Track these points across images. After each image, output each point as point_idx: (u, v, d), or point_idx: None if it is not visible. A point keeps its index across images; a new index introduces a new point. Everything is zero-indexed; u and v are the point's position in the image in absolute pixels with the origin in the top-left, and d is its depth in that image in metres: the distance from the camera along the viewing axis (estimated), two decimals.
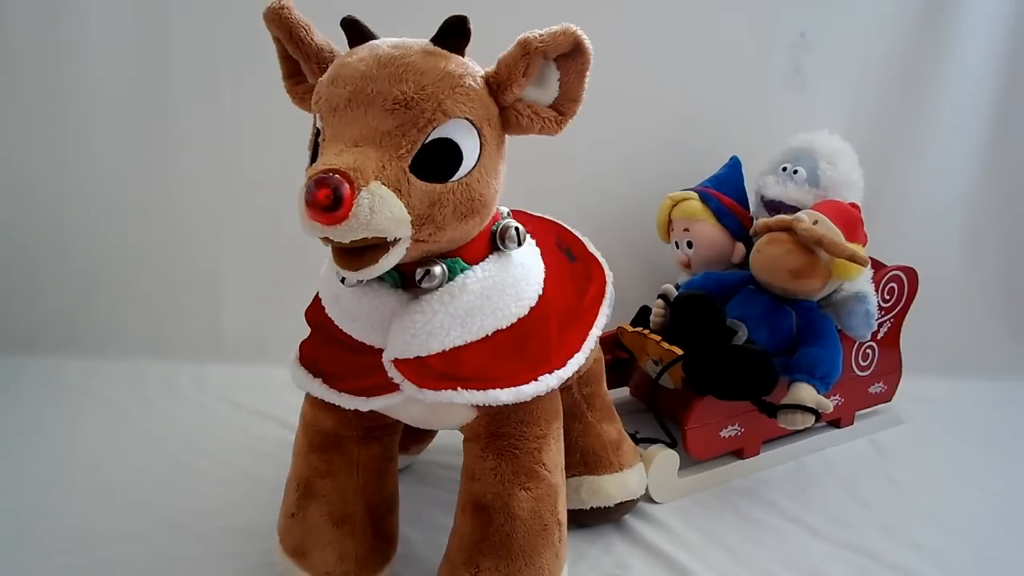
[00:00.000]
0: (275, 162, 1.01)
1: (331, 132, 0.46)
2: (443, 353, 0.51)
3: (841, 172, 0.91)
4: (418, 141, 0.45)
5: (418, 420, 0.59)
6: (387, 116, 0.44)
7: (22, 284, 1.13)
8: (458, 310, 0.50)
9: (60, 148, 1.09)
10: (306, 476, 0.60)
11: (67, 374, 1.05)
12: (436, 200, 0.46)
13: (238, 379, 1.04)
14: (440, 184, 0.46)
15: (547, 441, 0.57)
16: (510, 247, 0.54)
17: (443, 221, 0.47)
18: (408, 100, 0.44)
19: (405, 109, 0.44)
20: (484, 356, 0.52)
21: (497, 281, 0.52)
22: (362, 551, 0.59)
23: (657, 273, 1.05)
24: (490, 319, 0.52)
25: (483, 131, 0.47)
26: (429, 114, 0.45)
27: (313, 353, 0.57)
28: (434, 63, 0.46)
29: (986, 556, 0.71)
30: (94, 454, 0.85)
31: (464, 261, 0.52)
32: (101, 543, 0.69)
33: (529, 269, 0.55)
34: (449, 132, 0.46)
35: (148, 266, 1.14)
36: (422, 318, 0.50)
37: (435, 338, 0.50)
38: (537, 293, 0.55)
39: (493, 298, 0.52)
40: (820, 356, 0.80)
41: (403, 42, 0.48)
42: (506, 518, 0.54)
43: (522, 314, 0.53)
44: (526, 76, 0.47)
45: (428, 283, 0.50)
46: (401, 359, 0.50)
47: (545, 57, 0.46)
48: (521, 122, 0.49)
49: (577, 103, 0.49)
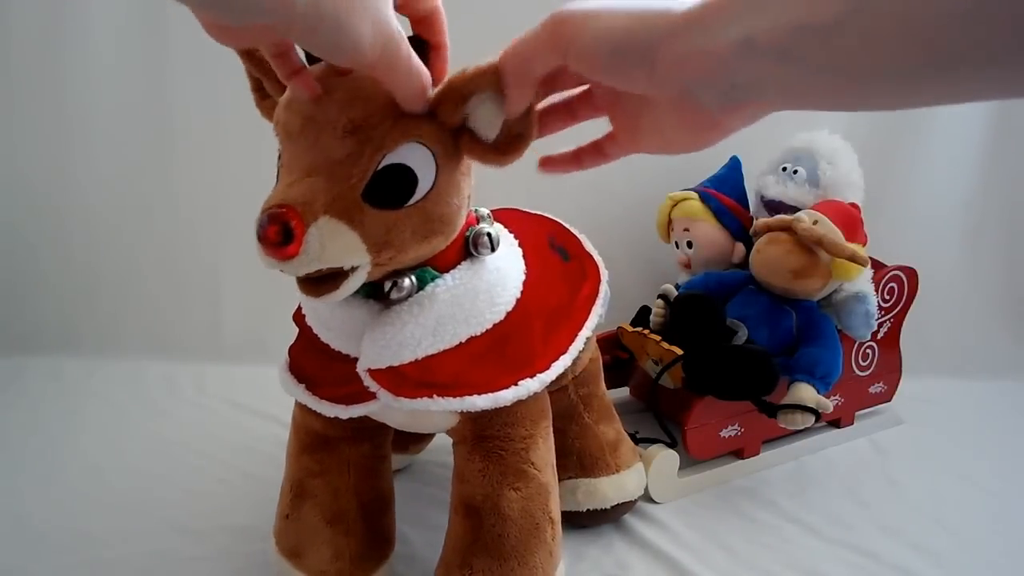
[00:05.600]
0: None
1: (287, 158, 0.45)
2: (417, 362, 0.50)
3: (841, 172, 0.91)
4: (369, 168, 0.43)
5: (402, 425, 0.59)
6: (337, 144, 0.43)
7: (22, 283, 1.13)
8: (428, 320, 0.50)
9: (61, 147, 1.10)
10: (298, 477, 0.60)
11: (67, 374, 1.05)
12: (392, 226, 0.45)
13: (238, 379, 1.04)
14: (395, 210, 0.45)
15: (534, 441, 0.56)
16: (483, 253, 0.53)
17: (402, 245, 0.46)
18: (357, 127, 0.43)
19: (354, 136, 0.43)
20: (460, 363, 0.51)
21: (469, 288, 0.51)
22: (357, 549, 0.59)
23: (657, 273, 1.05)
24: (463, 326, 0.51)
25: (437, 153, 0.45)
26: (378, 141, 0.43)
27: (299, 358, 0.57)
28: (384, 87, 0.44)
29: (986, 556, 0.71)
30: (94, 454, 0.85)
31: (436, 269, 0.51)
32: (101, 543, 0.69)
33: (505, 274, 0.54)
34: (401, 157, 0.44)
35: (148, 266, 1.14)
36: (392, 330, 0.49)
37: (407, 348, 0.50)
38: (515, 297, 0.54)
39: (465, 305, 0.51)
40: (820, 356, 0.80)
41: None
42: (497, 519, 0.54)
43: (498, 319, 0.52)
44: (457, 110, 0.44)
45: (397, 294, 0.50)
46: (375, 368, 0.50)
47: (475, 93, 0.42)
48: (471, 151, 0.46)
49: (520, 141, 0.44)
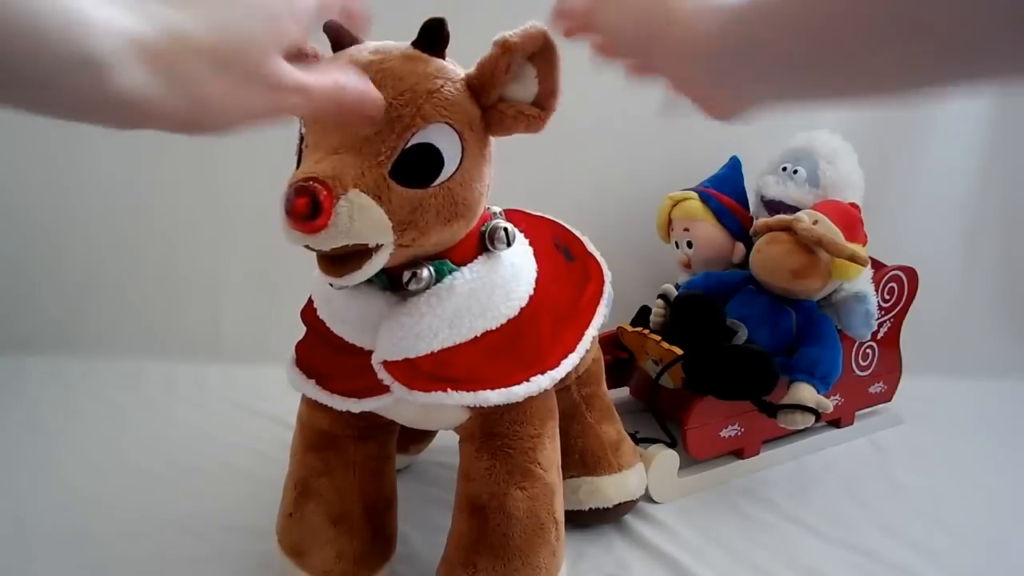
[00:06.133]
0: (274, 161, 1.00)
1: (312, 139, 0.46)
2: (432, 355, 0.50)
3: (841, 172, 0.91)
4: (398, 147, 0.45)
5: (411, 421, 0.59)
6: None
7: (22, 283, 1.13)
8: (446, 312, 0.50)
9: (59, 147, 1.09)
10: (303, 476, 0.60)
11: (66, 374, 1.05)
12: (418, 205, 0.46)
13: (238, 379, 1.04)
14: (421, 189, 0.46)
15: (542, 440, 0.57)
16: (499, 248, 0.54)
17: (426, 226, 0.47)
18: (387, 106, 0.43)
19: (384, 115, 0.43)
20: (474, 357, 0.52)
21: (486, 282, 0.52)
22: (360, 549, 0.59)
23: (657, 273, 1.05)
24: (479, 320, 0.51)
25: (464, 135, 0.47)
26: (408, 119, 0.44)
27: (308, 354, 0.58)
28: (413, 67, 0.46)
29: (986, 556, 0.71)
30: (93, 454, 0.85)
31: (453, 262, 0.52)
32: (100, 543, 0.69)
33: (519, 269, 0.55)
34: (429, 137, 0.45)
35: (147, 265, 1.14)
36: (409, 320, 0.50)
37: (423, 340, 0.50)
38: (528, 293, 0.54)
39: (482, 299, 0.51)
40: (820, 356, 0.80)
41: (383, 46, 0.48)
42: (502, 518, 0.54)
43: (512, 315, 0.53)
44: (508, 74, 0.46)
45: (415, 285, 0.50)
46: (390, 361, 0.50)
47: (523, 54, 0.46)
48: (505, 121, 0.48)
49: (555, 97, 0.48)
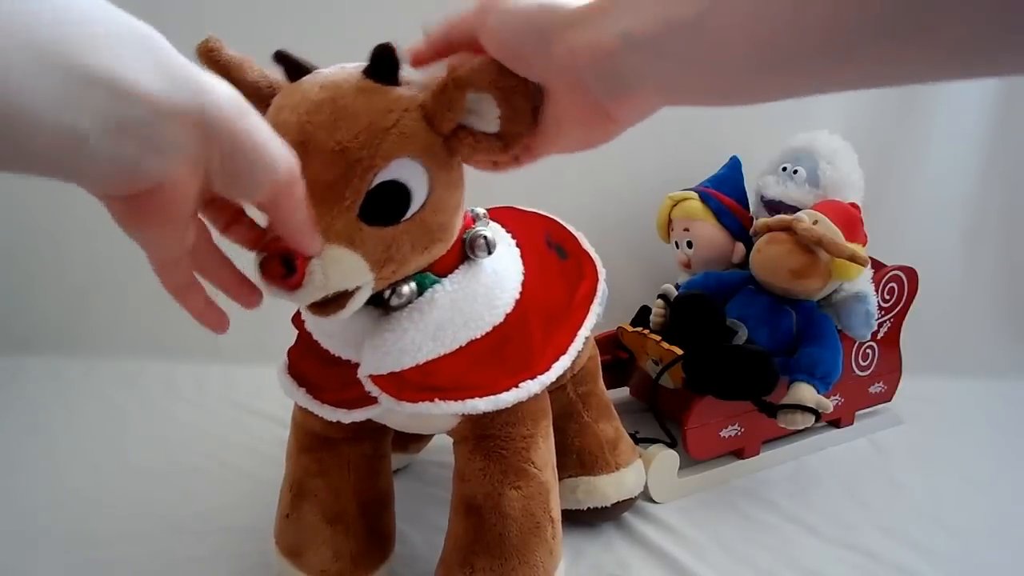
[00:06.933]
0: None
1: None
2: (418, 367, 0.50)
3: (841, 172, 0.91)
4: (361, 189, 0.43)
5: (403, 427, 0.59)
6: (327, 168, 0.42)
7: (22, 283, 1.13)
8: (428, 325, 0.50)
9: None
10: (298, 477, 0.60)
11: (65, 374, 1.05)
12: (392, 242, 0.45)
13: (238, 379, 1.04)
14: (393, 226, 0.45)
15: (535, 440, 0.56)
16: (480, 256, 0.53)
17: (403, 259, 0.46)
18: (344, 149, 0.42)
19: (343, 158, 0.42)
20: (461, 366, 0.51)
21: (467, 292, 0.51)
22: (357, 549, 0.59)
23: (657, 273, 1.05)
24: (463, 331, 0.51)
25: (428, 164, 0.45)
26: (368, 161, 0.42)
27: (298, 362, 0.57)
28: (367, 103, 0.43)
29: (986, 556, 0.71)
30: (93, 454, 0.85)
31: (435, 274, 0.51)
32: (100, 543, 0.69)
33: (503, 275, 0.54)
34: (393, 174, 0.43)
35: (147, 266, 1.13)
36: (392, 336, 0.49)
37: (407, 354, 0.50)
38: (514, 298, 0.54)
39: (464, 310, 0.51)
40: (820, 356, 0.79)
41: (334, 80, 0.44)
42: (498, 518, 0.54)
43: (497, 321, 0.52)
44: (451, 111, 0.43)
45: (397, 301, 0.49)
46: (376, 374, 0.50)
47: (473, 90, 0.42)
48: (463, 151, 0.46)
49: (518, 135, 0.44)
